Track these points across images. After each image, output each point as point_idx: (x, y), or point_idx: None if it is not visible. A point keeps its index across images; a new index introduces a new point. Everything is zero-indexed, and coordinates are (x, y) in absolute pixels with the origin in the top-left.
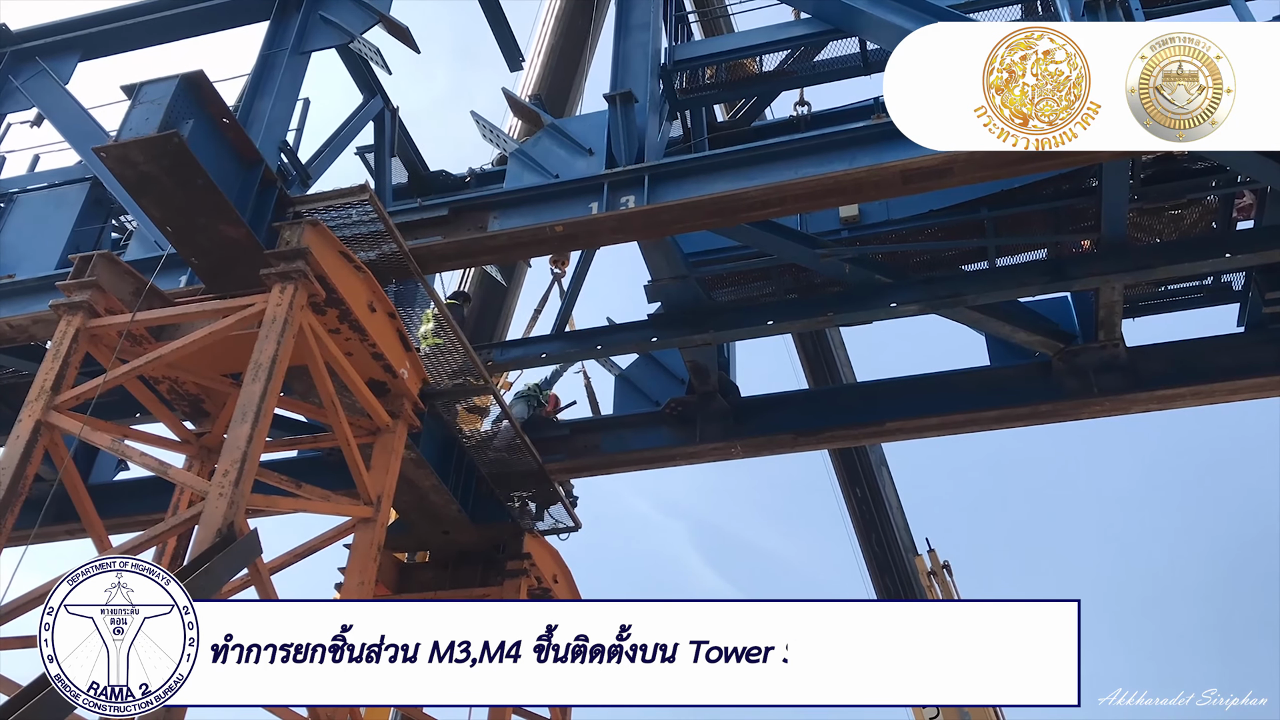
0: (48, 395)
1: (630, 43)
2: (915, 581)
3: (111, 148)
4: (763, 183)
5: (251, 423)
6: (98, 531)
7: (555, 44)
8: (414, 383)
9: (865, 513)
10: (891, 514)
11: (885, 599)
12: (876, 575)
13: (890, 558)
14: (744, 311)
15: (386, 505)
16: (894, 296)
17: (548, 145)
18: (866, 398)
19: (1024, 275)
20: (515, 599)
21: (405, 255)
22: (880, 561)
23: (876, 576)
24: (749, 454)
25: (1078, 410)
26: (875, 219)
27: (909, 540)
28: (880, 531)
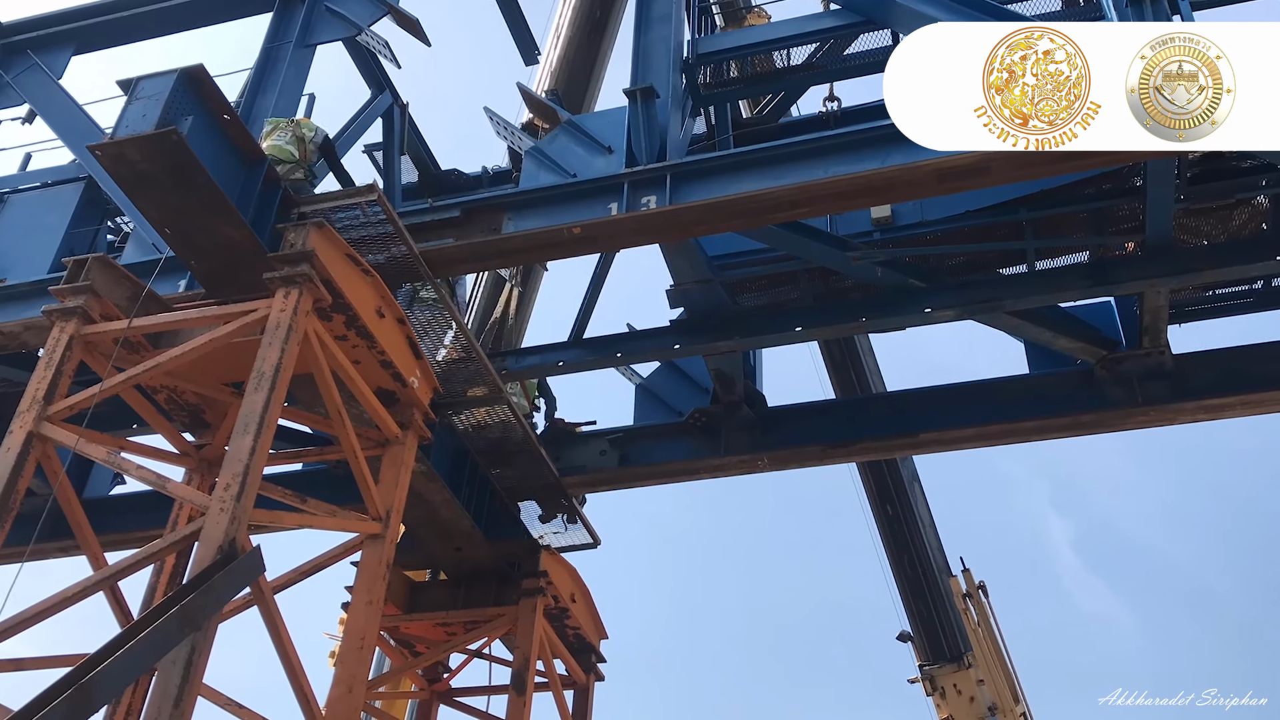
0: (40, 405)
1: (651, 35)
2: (950, 605)
3: (107, 145)
4: (791, 182)
5: (254, 434)
6: (93, 549)
7: (572, 37)
8: (424, 392)
9: (896, 532)
10: (925, 533)
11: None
12: (909, 598)
13: (924, 580)
14: (771, 317)
15: (396, 521)
16: (928, 301)
17: (565, 143)
18: (899, 408)
19: (1065, 279)
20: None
21: (416, 258)
22: (913, 584)
23: (909, 599)
24: (776, 467)
25: (1122, 420)
26: (909, 220)
27: (943, 561)
28: (913, 552)
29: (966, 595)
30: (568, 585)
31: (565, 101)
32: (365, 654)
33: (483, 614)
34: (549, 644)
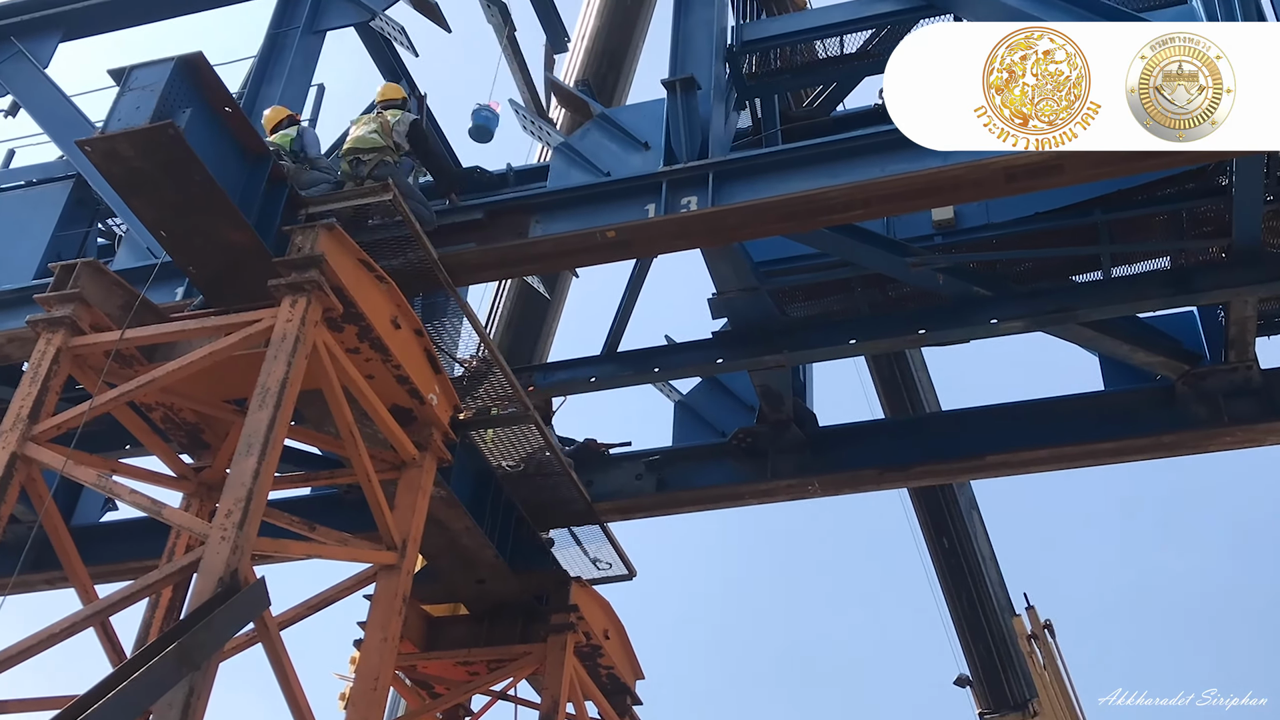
0: (24, 424)
1: (692, 20)
2: (1013, 646)
3: (97, 140)
4: (844, 181)
5: (258, 456)
6: (81, 581)
7: (605, 22)
8: (444, 410)
9: (954, 566)
10: (985, 566)
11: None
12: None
13: (984, 619)
14: (822, 329)
15: (413, 550)
16: (994, 311)
17: (597, 138)
18: (961, 427)
19: (1143, 287)
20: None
21: (434, 264)
22: (972, 623)
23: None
24: (828, 492)
25: (1206, 441)
26: (973, 223)
27: (1005, 598)
28: (972, 588)
29: (1031, 636)
30: (600, 620)
31: (597, 92)
32: (379, 696)
33: (508, 652)
34: (580, 685)
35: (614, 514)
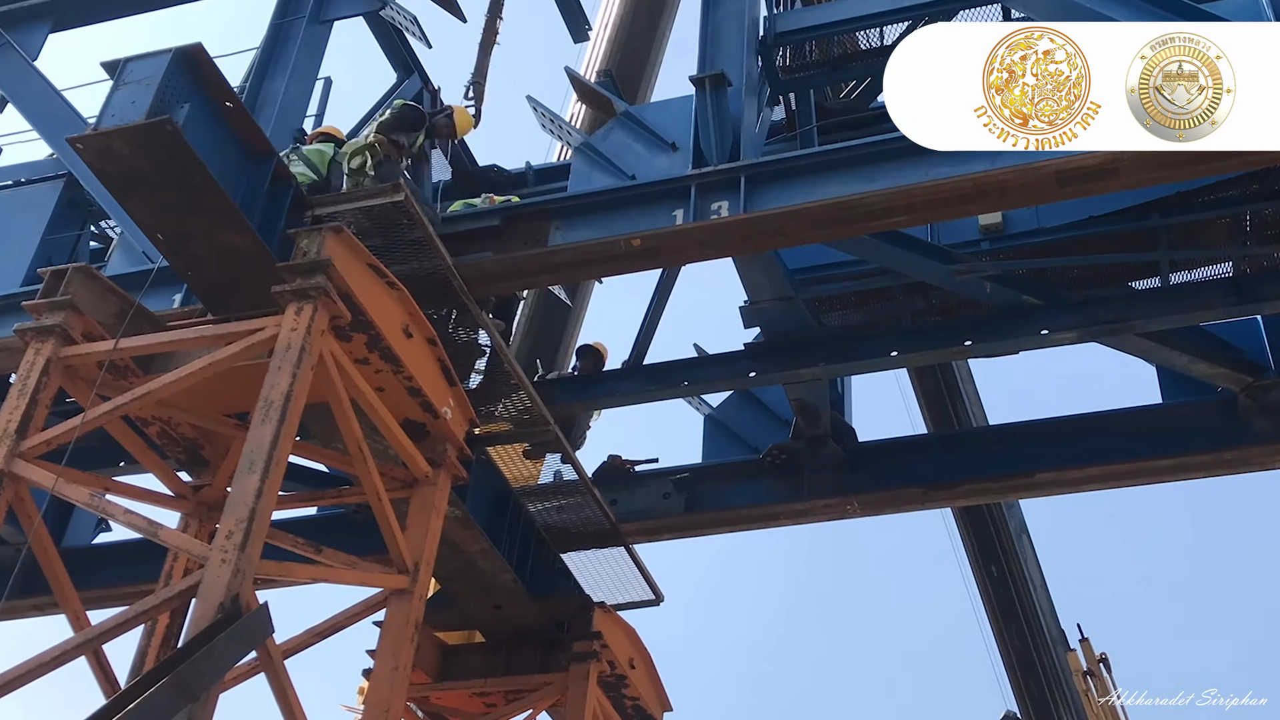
0: (12, 440)
1: (722, 11)
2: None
3: (90, 137)
4: (886, 185)
5: (261, 473)
6: (73, 606)
7: (628, 11)
8: (459, 424)
9: (1003, 596)
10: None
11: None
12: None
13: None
14: (862, 340)
15: (426, 574)
16: (1045, 321)
17: (621, 138)
18: (1010, 443)
19: (1204, 295)
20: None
21: (449, 270)
22: (1022, 658)
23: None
24: (868, 512)
25: (1270, 458)
26: (1022, 228)
27: (1057, 630)
28: (1023, 620)
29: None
30: (625, 648)
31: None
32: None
33: (527, 682)
34: (603, 717)
35: (640, 535)
